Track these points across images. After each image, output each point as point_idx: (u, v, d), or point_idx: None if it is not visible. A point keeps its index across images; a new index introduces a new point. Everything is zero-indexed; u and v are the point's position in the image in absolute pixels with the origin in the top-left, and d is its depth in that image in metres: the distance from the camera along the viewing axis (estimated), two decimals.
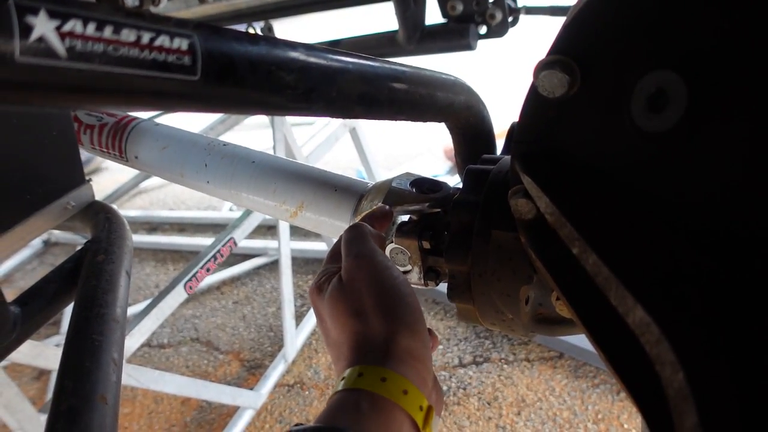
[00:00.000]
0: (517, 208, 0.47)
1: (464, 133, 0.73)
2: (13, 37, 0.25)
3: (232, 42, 0.36)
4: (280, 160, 0.80)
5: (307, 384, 1.93)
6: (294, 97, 0.41)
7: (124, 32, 0.29)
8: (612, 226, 0.37)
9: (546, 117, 0.43)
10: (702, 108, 0.33)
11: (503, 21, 1.49)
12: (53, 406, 0.50)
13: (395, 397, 0.44)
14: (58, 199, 0.84)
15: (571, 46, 0.40)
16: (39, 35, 0.26)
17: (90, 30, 0.28)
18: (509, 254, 0.55)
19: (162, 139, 0.90)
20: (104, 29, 0.28)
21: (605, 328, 0.37)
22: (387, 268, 0.52)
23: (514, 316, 0.59)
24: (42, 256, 3.22)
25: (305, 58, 0.42)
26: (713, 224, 0.34)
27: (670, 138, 0.35)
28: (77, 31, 0.27)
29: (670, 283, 0.32)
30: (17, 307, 0.70)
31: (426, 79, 0.60)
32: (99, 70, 0.28)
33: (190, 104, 0.35)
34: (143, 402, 2.01)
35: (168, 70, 0.31)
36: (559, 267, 0.43)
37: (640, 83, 0.36)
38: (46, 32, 0.26)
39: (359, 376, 0.46)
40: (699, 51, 0.34)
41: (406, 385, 0.45)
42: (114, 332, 0.59)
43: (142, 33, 0.30)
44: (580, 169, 0.42)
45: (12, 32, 0.25)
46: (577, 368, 1.70)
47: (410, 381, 0.46)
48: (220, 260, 1.43)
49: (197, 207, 3.39)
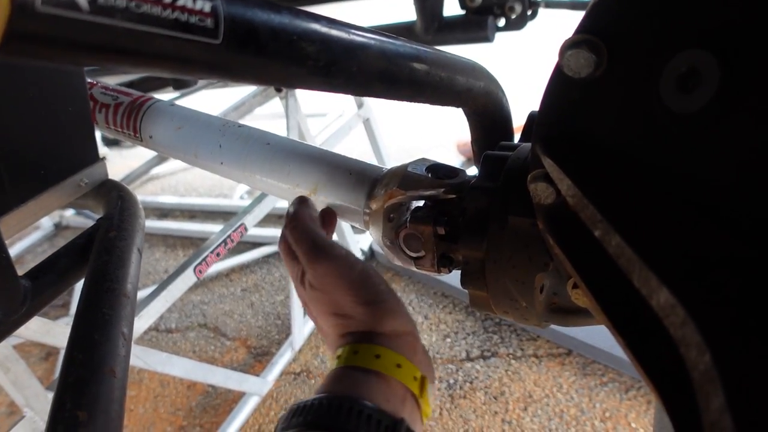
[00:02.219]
0: (537, 192, 0.47)
1: (482, 119, 0.73)
2: None
3: (256, 9, 0.35)
4: (295, 143, 0.80)
5: (313, 372, 1.93)
6: (315, 69, 0.40)
7: None
8: (636, 207, 0.36)
9: (570, 98, 0.42)
10: (735, 87, 0.32)
11: (522, 14, 1.48)
12: (61, 377, 0.50)
13: (390, 371, 0.47)
14: (72, 175, 0.84)
15: (598, 24, 0.39)
16: None
17: None
18: (526, 240, 0.55)
19: (177, 119, 0.89)
20: None
21: (624, 312, 0.37)
22: (348, 262, 0.55)
23: (528, 304, 0.58)
24: (53, 239, 3.24)
25: (328, 30, 0.41)
26: (743, 207, 0.33)
27: (701, 118, 0.34)
28: None
29: (696, 264, 0.31)
30: (28, 281, 0.70)
31: (447, 61, 0.60)
32: (120, 26, 0.28)
33: (210, 70, 0.35)
34: (149, 385, 2.02)
35: (190, 31, 0.31)
36: (578, 252, 0.43)
37: (671, 63, 0.35)
38: None
39: (354, 354, 0.49)
40: (733, 29, 0.33)
41: (398, 359, 0.48)
42: (124, 307, 0.59)
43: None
44: (604, 150, 0.41)
45: None
46: (585, 365, 1.69)
47: (402, 355, 0.49)
48: (231, 245, 1.43)
49: (208, 194, 3.40)
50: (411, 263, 0.67)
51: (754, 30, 0.32)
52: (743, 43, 0.32)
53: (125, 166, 3.27)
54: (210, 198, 3.30)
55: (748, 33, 0.32)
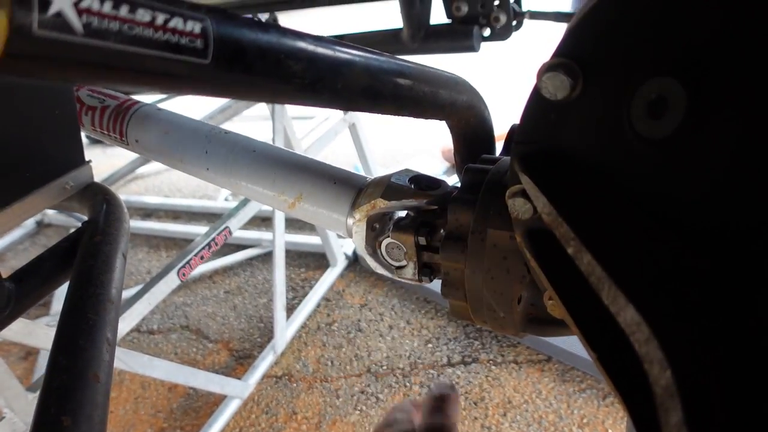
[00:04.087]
0: (515, 207, 0.48)
1: (465, 132, 0.74)
2: (32, 10, 0.25)
3: (244, 28, 0.36)
4: (281, 151, 0.81)
5: (295, 376, 1.93)
6: (301, 86, 0.42)
7: (140, 12, 0.29)
8: (607, 226, 0.38)
9: (547, 118, 0.44)
10: (700, 114, 0.34)
11: (507, 24, 1.50)
12: (46, 382, 0.51)
13: None
14: (57, 178, 0.84)
15: (574, 49, 0.40)
16: (57, 10, 0.26)
17: (107, 8, 0.28)
18: (504, 253, 0.56)
19: (163, 124, 0.90)
20: (120, 8, 0.29)
21: (595, 327, 0.38)
22: None
23: (506, 314, 0.59)
24: (34, 237, 3.22)
25: (314, 48, 0.42)
26: (707, 227, 0.35)
27: (669, 143, 0.36)
28: (94, 8, 0.27)
29: (661, 283, 0.33)
30: (12, 284, 0.70)
31: (430, 76, 0.61)
32: (113, 48, 0.29)
33: (199, 87, 0.36)
34: (130, 387, 2.02)
35: (180, 52, 0.32)
36: (553, 266, 0.44)
37: (641, 89, 0.37)
38: (64, 7, 0.26)
39: None
40: (699, 59, 0.34)
41: None
42: (109, 312, 0.60)
43: (157, 14, 0.30)
44: (579, 170, 0.43)
45: (31, 5, 0.25)
46: (564, 372, 1.71)
47: None
48: (215, 249, 1.44)
49: (193, 195, 3.39)
50: (393, 272, 0.68)
51: (719, 60, 0.33)
52: (709, 73, 0.34)
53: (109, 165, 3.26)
54: (194, 199, 3.30)
55: (714, 62, 0.34)
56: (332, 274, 2.38)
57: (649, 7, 0.36)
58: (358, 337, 2.06)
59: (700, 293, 0.32)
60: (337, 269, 2.40)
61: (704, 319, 0.30)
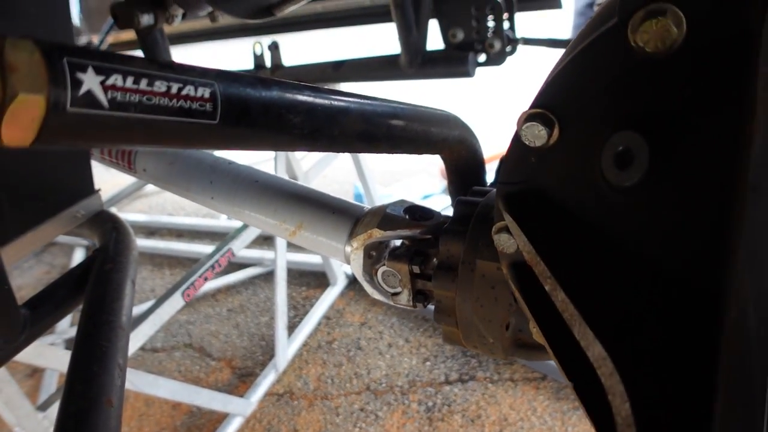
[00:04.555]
0: (500, 242, 0.52)
1: (457, 165, 0.78)
2: (66, 90, 0.29)
3: (248, 88, 0.40)
4: (283, 181, 0.84)
5: (296, 394, 1.96)
6: (300, 136, 0.45)
7: (157, 84, 0.33)
8: (580, 267, 0.41)
9: (527, 163, 0.47)
10: (662, 166, 0.38)
11: (502, 50, 1.54)
12: (62, 407, 0.54)
13: None
14: (68, 207, 0.88)
15: (551, 101, 0.44)
16: (87, 89, 0.30)
17: (129, 82, 0.32)
18: (492, 283, 0.59)
19: (170, 154, 0.94)
20: (141, 81, 0.32)
21: (571, 358, 0.42)
22: None
23: (495, 340, 0.63)
24: (39, 255, 3.25)
25: (312, 100, 0.46)
26: (668, 273, 0.38)
27: (635, 191, 0.39)
28: (118, 84, 0.31)
29: (626, 323, 0.36)
30: (27, 310, 0.74)
31: (422, 115, 0.65)
32: (134, 117, 0.32)
33: (208, 144, 0.40)
34: (134, 404, 2.04)
35: (192, 116, 0.36)
36: (535, 299, 0.47)
37: (609, 141, 0.40)
38: (93, 86, 0.30)
39: None
40: (660, 115, 0.38)
41: None
42: (120, 339, 0.63)
43: (172, 84, 0.34)
44: (557, 212, 0.46)
45: (66, 86, 0.29)
46: (559, 390, 1.74)
47: None
48: (218, 269, 1.47)
49: (195, 214, 3.43)
50: (389, 298, 0.72)
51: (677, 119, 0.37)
52: (668, 130, 0.37)
53: (113, 184, 3.30)
54: (197, 218, 3.33)
55: (673, 121, 0.37)
56: (332, 292, 2.41)
57: (613, 70, 0.39)
58: (357, 355, 2.09)
59: (661, 333, 0.35)
60: (337, 288, 2.43)
61: (663, 358, 0.34)
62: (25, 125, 0.28)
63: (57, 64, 0.29)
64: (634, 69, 0.39)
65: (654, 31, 0.36)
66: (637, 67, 0.38)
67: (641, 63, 0.38)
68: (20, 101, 0.27)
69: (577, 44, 0.43)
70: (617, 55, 0.39)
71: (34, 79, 0.28)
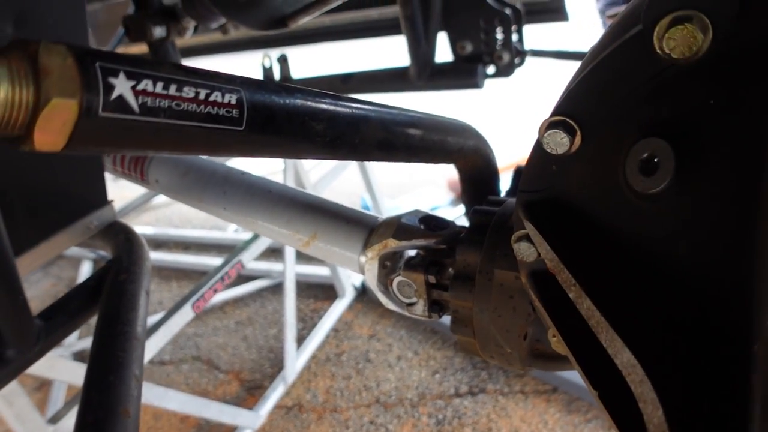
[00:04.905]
0: (520, 251, 0.51)
1: (471, 174, 0.78)
2: (98, 95, 0.29)
3: (273, 95, 0.40)
4: (296, 191, 0.84)
5: (305, 407, 1.95)
6: (323, 144, 0.45)
7: (185, 89, 0.33)
8: (605, 274, 0.41)
9: (549, 170, 0.47)
10: (688, 173, 0.38)
11: (510, 62, 1.54)
12: (79, 417, 0.54)
13: None
14: (82, 218, 0.88)
15: (573, 109, 0.44)
16: (119, 93, 0.30)
17: (159, 88, 0.32)
18: (510, 292, 0.59)
19: (182, 165, 0.94)
20: (170, 87, 0.33)
21: (596, 366, 0.41)
22: None
23: (513, 350, 0.62)
24: (47, 268, 3.26)
25: (334, 108, 0.46)
26: (695, 279, 0.38)
27: (660, 198, 0.39)
28: (149, 89, 0.31)
29: (655, 329, 0.36)
30: (41, 321, 0.74)
31: (438, 124, 0.65)
32: (163, 123, 0.32)
33: (234, 151, 0.40)
34: (143, 417, 2.03)
35: (219, 122, 0.36)
36: (557, 308, 0.47)
37: (634, 148, 0.40)
38: (124, 91, 0.30)
39: None
40: (686, 121, 0.38)
41: None
42: (135, 349, 0.63)
43: (200, 90, 0.34)
44: (579, 219, 0.46)
45: (98, 91, 0.29)
46: (570, 402, 1.73)
47: None
48: (227, 281, 1.47)
49: (203, 226, 3.43)
50: (404, 308, 0.71)
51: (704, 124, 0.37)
52: (695, 136, 0.37)
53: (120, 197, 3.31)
54: (204, 230, 3.34)
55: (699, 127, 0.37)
56: (341, 305, 2.40)
57: (637, 77, 0.39)
58: (367, 368, 2.08)
59: (692, 341, 0.35)
60: (345, 300, 2.43)
61: (694, 365, 0.33)
62: (57, 129, 0.28)
63: (90, 69, 0.29)
64: (659, 76, 0.38)
65: (680, 38, 0.36)
66: (662, 73, 0.38)
67: (666, 70, 0.38)
68: (53, 105, 0.27)
69: (599, 52, 0.43)
70: (642, 62, 0.39)
71: (67, 84, 0.28)
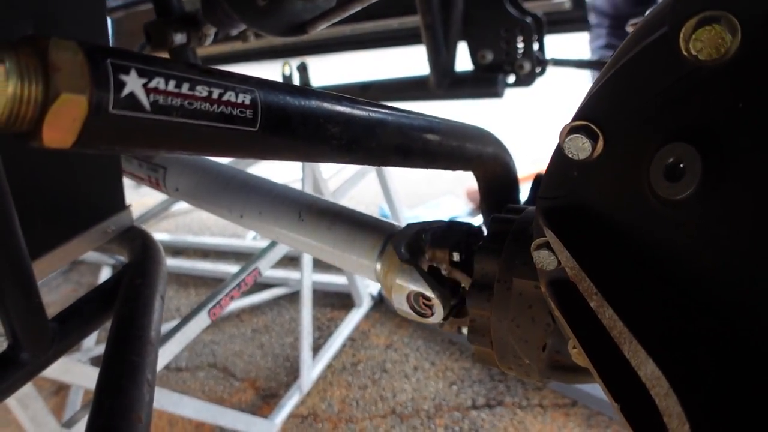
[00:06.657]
0: (540, 259, 0.50)
1: (490, 182, 0.77)
2: (108, 92, 0.29)
3: (288, 96, 0.39)
4: (314, 198, 0.84)
5: (320, 416, 1.94)
6: (338, 147, 0.45)
7: (198, 88, 0.33)
8: (628, 283, 0.40)
9: (570, 176, 0.46)
10: (715, 179, 0.36)
11: (531, 71, 1.53)
12: (90, 422, 0.53)
13: None
14: (99, 222, 0.88)
15: (595, 113, 0.43)
16: (130, 90, 0.29)
17: (171, 86, 0.31)
18: (529, 302, 0.58)
19: (201, 172, 0.94)
20: (182, 86, 0.32)
21: (618, 378, 0.40)
22: None
23: (531, 361, 0.61)
24: (67, 274, 3.29)
25: (350, 111, 0.46)
26: (723, 289, 0.37)
27: (686, 204, 0.38)
28: (161, 87, 0.31)
29: (680, 340, 0.34)
30: (56, 324, 0.73)
31: (457, 130, 0.64)
32: (175, 122, 0.32)
33: (247, 152, 0.39)
34: (158, 424, 2.03)
35: (232, 122, 0.35)
36: (577, 318, 0.46)
37: (659, 153, 0.39)
38: (136, 88, 0.30)
39: None
40: (713, 125, 0.37)
41: None
42: (149, 354, 0.63)
43: (213, 89, 0.34)
44: (601, 227, 0.45)
45: (109, 87, 0.29)
46: (590, 417, 1.70)
47: None
48: (244, 288, 1.47)
49: (221, 234, 3.44)
50: (421, 318, 0.70)
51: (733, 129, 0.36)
52: (723, 141, 0.36)
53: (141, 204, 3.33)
54: (223, 238, 3.35)
55: (728, 132, 0.36)
56: (358, 314, 2.39)
57: (663, 80, 0.38)
58: (383, 378, 2.06)
59: (718, 351, 0.33)
60: (362, 309, 2.41)
61: (721, 377, 0.32)
62: (67, 126, 0.28)
63: (100, 65, 0.28)
64: (685, 78, 0.37)
65: (707, 39, 0.35)
66: (688, 76, 0.37)
67: (693, 72, 0.37)
68: (62, 101, 0.27)
69: (623, 55, 0.41)
70: (667, 64, 0.38)
71: (77, 80, 0.27)
